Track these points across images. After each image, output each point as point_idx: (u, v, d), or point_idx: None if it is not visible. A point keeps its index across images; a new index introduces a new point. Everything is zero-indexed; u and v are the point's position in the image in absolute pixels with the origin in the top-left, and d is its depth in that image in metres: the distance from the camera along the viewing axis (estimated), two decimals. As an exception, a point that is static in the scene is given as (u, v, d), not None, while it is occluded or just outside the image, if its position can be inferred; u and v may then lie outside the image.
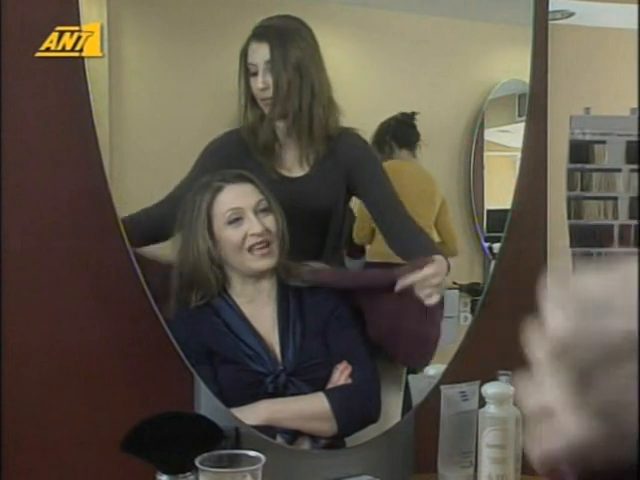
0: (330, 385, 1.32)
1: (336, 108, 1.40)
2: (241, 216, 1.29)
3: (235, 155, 1.39)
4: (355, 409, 1.32)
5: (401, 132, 1.59)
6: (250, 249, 1.29)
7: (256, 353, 1.30)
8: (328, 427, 1.29)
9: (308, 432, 1.29)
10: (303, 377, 1.31)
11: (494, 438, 1.19)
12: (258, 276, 1.33)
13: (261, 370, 1.30)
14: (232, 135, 1.39)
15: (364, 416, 1.33)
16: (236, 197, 1.30)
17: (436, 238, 1.59)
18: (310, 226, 1.42)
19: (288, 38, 1.36)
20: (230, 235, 1.29)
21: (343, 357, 1.33)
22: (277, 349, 1.32)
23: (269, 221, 1.30)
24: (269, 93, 1.36)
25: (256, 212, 1.29)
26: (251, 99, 1.37)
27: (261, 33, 1.36)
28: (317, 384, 1.31)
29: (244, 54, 1.37)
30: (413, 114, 1.57)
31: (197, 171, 1.34)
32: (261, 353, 1.31)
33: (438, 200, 1.62)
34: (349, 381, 1.32)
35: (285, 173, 1.41)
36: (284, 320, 1.34)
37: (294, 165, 1.41)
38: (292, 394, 1.30)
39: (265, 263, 1.31)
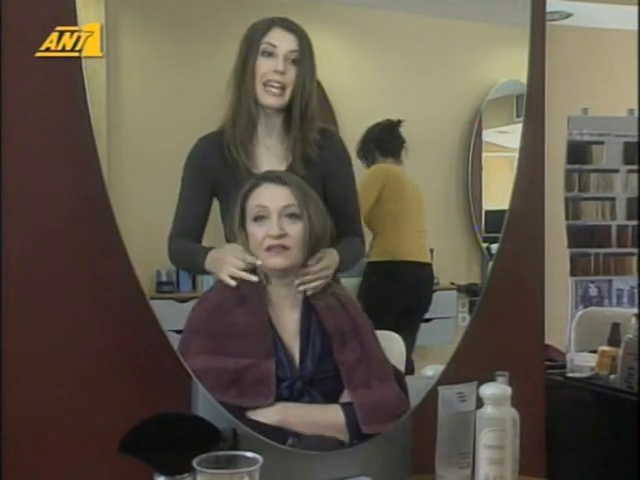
0: (343, 397, 1.32)
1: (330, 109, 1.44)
2: (266, 215, 1.30)
3: (209, 159, 1.38)
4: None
5: (385, 141, 1.59)
6: (268, 249, 1.30)
7: (278, 356, 1.30)
8: (341, 437, 1.31)
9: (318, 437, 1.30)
10: (318, 388, 1.31)
11: (492, 439, 1.19)
12: (282, 277, 1.33)
13: (279, 374, 1.30)
14: (204, 141, 1.39)
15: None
16: (267, 196, 1.31)
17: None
18: None
19: (310, 44, 1.36)
20: (254, 232, 1.31)
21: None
22: (297, 356, 1.32)
23: (294, 227, 1.30)
24: (284, 78, 1.34)
25: (281, 215, 1.30)
26: (249, 84, 1.35)
27: (287, 25, 1.35)
28: (330, 397, 1.32)
29: (258, 35, 1.35)
30: (399, 122, 1.58)
31: (184, 185, 1.37)
32: (281, 356, 1.31)
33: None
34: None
35: (261, 168, 1.39)
36: (306, 328, 1.34)
37: (271, 163, 1.39)
38: (305, 402, 1.30)
39: (277, 261, 1.30)
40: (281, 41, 1.34)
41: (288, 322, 1.34)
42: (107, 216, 1.25)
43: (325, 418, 1.31)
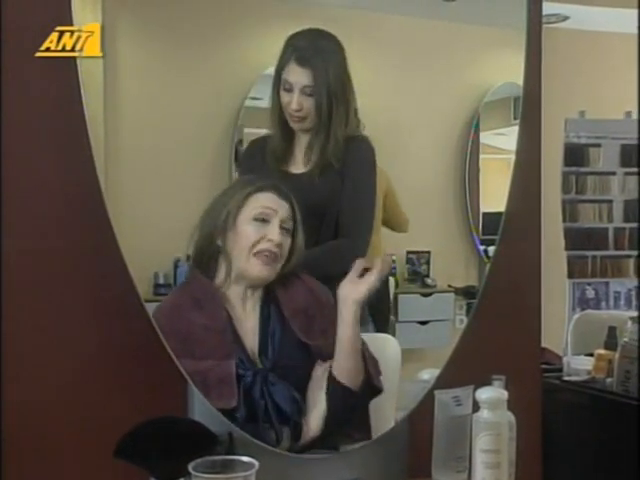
0: (312, 381, 1.32)
1: (357, 119, 1.49)
2: (268, 219, 1.32)
3: (254, 157, 1.50)
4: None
5: None
6: (258, 253, 1.31)
7: (236, 353, 1.31)
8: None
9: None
10: (281, 373, 1.31)
11: (488, 443, 1.18)
12: (250, 285, 1.34)
13: (239, 372, 1.29)
14: (259, 139, 1.52)
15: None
16: (273, 203, 1.34)
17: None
18: (305, 219, 1.43)
19: (330, 64, 1.43)
20: (248, 231, 1.32)
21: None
22: (256, 350, 1.32)
23: (285, 240, 1.34)
24: (302, 113, 1.44)
25: (281, 225, 1.33)
26: (279, 108, 1.45)
27: (304, 57, 1.42)
28: (295, 379, 1.32)
29: (280, 68, 1.44)
30: None
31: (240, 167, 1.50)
32: (240, 354, 1.31)
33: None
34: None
35: (289, 169, 1.49)
36: (266, 320, 1.34)
37: (300, 164, 1.49)
38: (270, 392, 1.30)
39: (263, 271, 1.32)
40: (296, 77, 1.43)
41: (247, 319, 1.34)
42: (103, 217, 1.25)
43: None
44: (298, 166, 1.49)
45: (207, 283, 1.34)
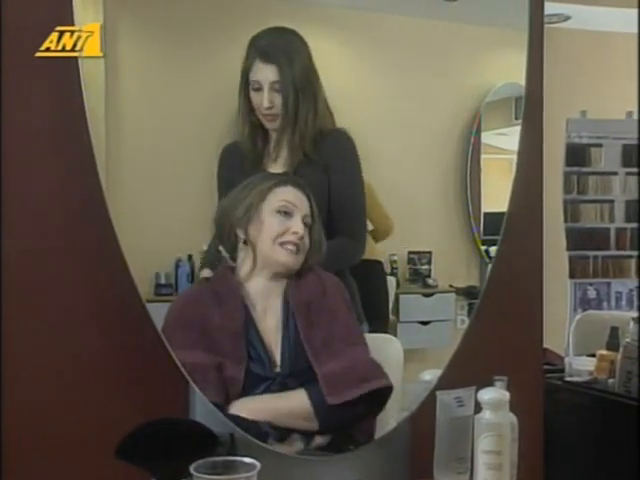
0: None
1: (330, 112, 1.47)
2: (292, 212, 1.34)
3: (233, 161, 1.46)
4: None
5: None
6: (283, 244, 1.34)
7: (257, 354, 1.30)
8: (310, 424, 1.29)
9: (295, 428, 1.29)
10: (298, 378, 1.30)
11: (490, 444, 1.18)
12: (275, 275, 1.35)
13: (259, 373, 1.30)
14: (229, 147, 1.47)
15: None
16: (295, 197, 1.36)
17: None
18: None
19: (294, 59, 1.42)
20: (273, 223, 1.34)
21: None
22: (277, 353, 1.32)
23: (306, 234, 1.36)
24: (274, 110, 1.43)
25: (302, 219, 1.35)
26: (249, 111, 1.44)
27: (267, 53, 1.42)
28: (312, 384, 1.30)
29: (246, 70, 1.43)
30: None
31: (219, 183, 1.45)
32: (262, 355, 1.31)
33: None
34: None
35: (269, 170, 1.47)
36: (287, 322, 1.34)
37: (279, 164, 1.47)
38: None
39: (290, 260, 1.34)
40: (264, 75, 1.42)
41: (269, 317, 1.34)
42: (104, 217, 1.25)
43: (289, 404, 1.29)
44: (276, 166, 1.47)
45: (230, 278, 1.35)
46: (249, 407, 1.27)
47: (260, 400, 1.29)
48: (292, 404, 1.29)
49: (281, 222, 1.34)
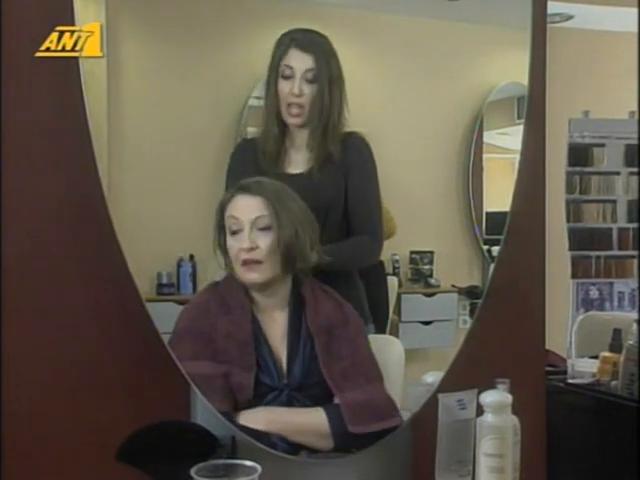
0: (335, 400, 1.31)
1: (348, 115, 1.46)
2: (240, 228, 1.30)
3: (245, 157, 1.45)
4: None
5: None
6: (243, 263, 1.30)
7: (265, 363, 1.30)
8: (325, 443, 1.29)
9: (305, 445, 1.29)
10: (306, 393, 1.30)
11: (492, 447, 1.18)
12: (264, 290, 1.34)
13: (267, 382, 1.29)
14: (245, 142, 1.47)
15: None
16: (240, 208, 1.31)
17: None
18: None
19: (330, 57, 1.42)
20: (231, 246, 1.31)
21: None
22: (284, 362, 1.31)
23: (265, 239, 1.30)
24: (302, 100, 1.40)
25: (253, 227, 1.30)
26: (273, 103, 1.42)
27: (305, 44, 1.40)
28: (320, 400, 1.31)
29: (279, 56, 1.40)
30: None
31: (228, 178, 1.42)
32: (269, 364, 1.30)
33: None
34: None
35: (285, 170, 1.45)
36: (296, 331, 1.33)
37: (297, 164, 1.45)
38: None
39: (251, 277, 1.31)
40: (298, 62, 1.40)
41: (276, 327, 1.33)
42: (105, 218, 1.25)
43: (308, 422, 1.29)
44: (295, 166, 1.46)
45: (237, 286, 1.33)
46: (261, 416, 1.27)
47: (275, 411, 1.28)
48: (309, 421, 1.29)
49: (235, 241, 1.31)
